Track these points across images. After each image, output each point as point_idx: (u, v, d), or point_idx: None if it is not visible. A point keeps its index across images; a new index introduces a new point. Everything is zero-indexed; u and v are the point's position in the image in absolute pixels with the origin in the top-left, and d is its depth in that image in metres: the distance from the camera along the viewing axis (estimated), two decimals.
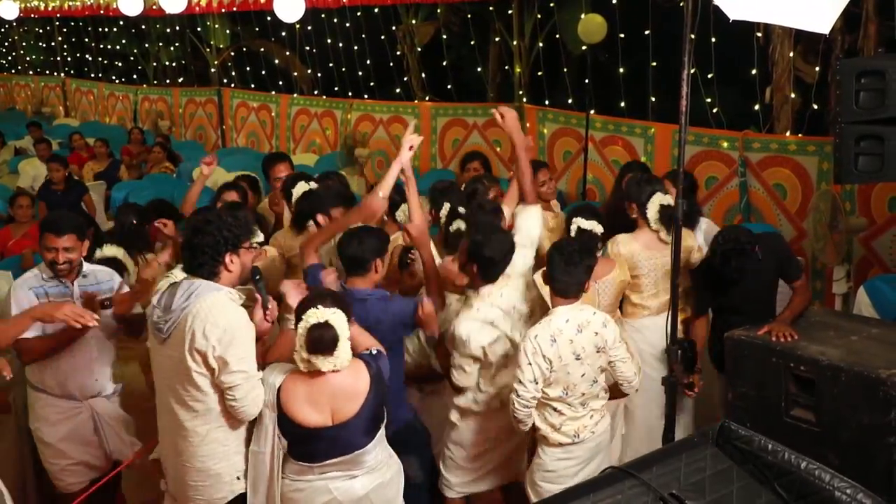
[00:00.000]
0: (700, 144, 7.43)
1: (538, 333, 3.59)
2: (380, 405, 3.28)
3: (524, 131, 9.39)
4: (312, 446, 3.25)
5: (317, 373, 3.17)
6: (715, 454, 2.37)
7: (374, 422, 3.28)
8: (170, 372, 3.29)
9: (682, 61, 3.44)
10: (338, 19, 11.73)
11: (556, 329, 3.58)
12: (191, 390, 3.23)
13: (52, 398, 3.94)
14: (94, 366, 3.98)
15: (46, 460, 4.01)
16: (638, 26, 8.53)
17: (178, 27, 15.32)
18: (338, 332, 3.12)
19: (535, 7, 9.82)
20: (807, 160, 6.78)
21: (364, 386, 3.22)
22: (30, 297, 3.84)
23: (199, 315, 3.16)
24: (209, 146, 14.06)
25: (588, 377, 3.64)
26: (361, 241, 3.75)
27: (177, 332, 3.21)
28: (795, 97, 7.61)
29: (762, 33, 7.46)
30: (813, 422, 3.45)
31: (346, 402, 3.20)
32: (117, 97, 16.82)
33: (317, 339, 3.11)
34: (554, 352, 3.56)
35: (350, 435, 3.22)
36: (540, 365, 3.55)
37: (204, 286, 3.22)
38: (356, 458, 3.25)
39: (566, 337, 3.58)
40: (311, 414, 3.20)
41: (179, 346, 3.19)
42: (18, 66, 21.46)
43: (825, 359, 3.40)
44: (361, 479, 3.28)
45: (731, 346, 3.83)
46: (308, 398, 3.20)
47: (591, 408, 3.71)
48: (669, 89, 4.98)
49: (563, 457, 3.71)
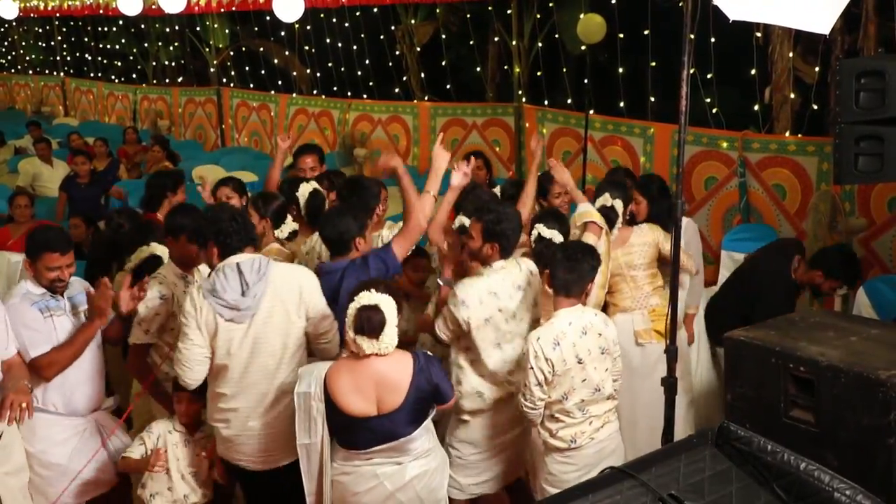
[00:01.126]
0: (699, 144, 7.43)
1: (540, 336, 3.57)
2: (425, 399, 3.33)
3: (523, 131, 9.46)
4: (358, 434, 3.31)
5: (362, 359, 3.24)
6: (714, 455, 2.37)
7: (420, 413, 3.34)
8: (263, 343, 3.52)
9: (682, 61, 3.43)
10: (337, 19, 11.72)
11: (559, 332, 3.57)
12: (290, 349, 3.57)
13: (57, 417, 3.82)
14: (96, 377, 3.94)
15: (50, 484, 3.82)
16: (637, 26, 8.53)
17: (177, 27, 15.32)
18: (386, 316, 3.20)
19: (534, 7, 9.82)
20: (806, 160, 6.78)
21: (407, 377, 3.28)
22: (34, 313, 3.74)
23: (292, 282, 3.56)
24: (208, 146, 14.07)
25: (590, 383, 3.61)
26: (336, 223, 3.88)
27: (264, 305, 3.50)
28: (795, 97, 7.61)
29: (762, 33, 7.46)
30: (812, 423, 3.44)
31: (390, 392, 3.26)
32: (117, 97, 16.81)
33: (364, 320, 3.19)
34: (557, 355, 3.54)
35: (394, 425, 3.29)
36: (542, 369, 3.54)
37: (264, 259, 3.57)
38: (402, 446, 3.33)
39: (569, 340, 3.57)
40: (356, 402, 3.26)
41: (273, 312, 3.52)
42: (18, 66, 21.46)
43: (825, 360, 3.40)
44: (408, 466, 3.37)
45: (729, 347, 3.82)
46: (353, 386, 3.26)
47: (590, 414, 3.67)
48: (669, 89, 4.97)
49: (561, 461, 3.70)
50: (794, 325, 3.82)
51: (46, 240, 3.80)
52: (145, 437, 3.74)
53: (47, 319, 3.76)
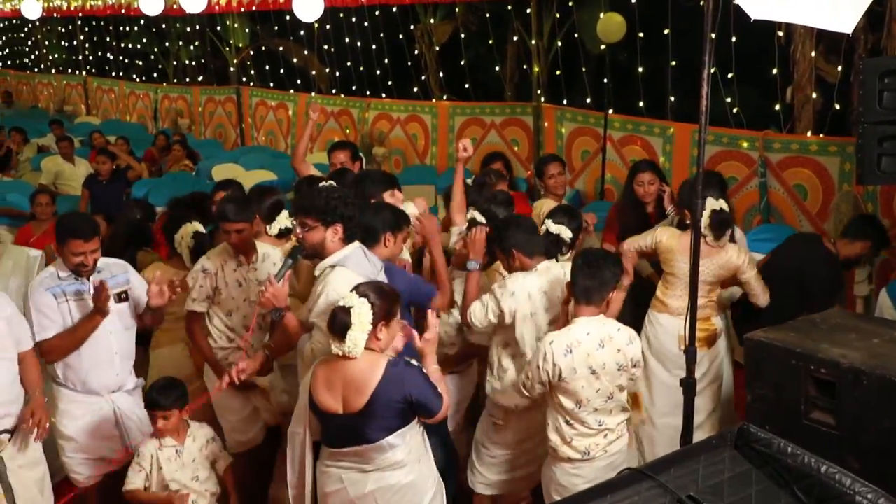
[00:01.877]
0: (720, 144, 7.39)
1: (554, 340, 3.48)
2: (398, 408, 3.19)
3: (542, 131, 9.44)
4: (327, 431, 3.30)
5: (337, 357, 3.19)
6: (733, 457, 2.34)
7: (392, 421, 3.20)
8: None
9: (703, 61, 3.41)
10: (356, 18, 11.76)
11: (574, 339, 3.46)
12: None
13: (75, 393, 3.97)
14: (116, 360, 4.00)
15: (65, 453, 4.04)
16: (657, 26, 8.49)
17: (197, 26, 15.42)
18: (353, 320, 3.10)
19: (553, 6, 9.80)
20: (828, 160, 6.72)
21: (373, 382, 3.15)
22: (47, 299, 3.84)
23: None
24: (228, 144, 14.15)
25: (603, 393, 3.50)
26: (377, 212, 3.89)
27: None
28: (817, 97, 7.55)
29: (783, 33, 7.41)
30: (833, 425, 3.41)
31: (354, 393, 3.16)
32: (138, 95, 16.95)
33: (331, 319, 3.17)
34: (567, 363, 3.43)
35: (359, 427, 3.18)
36: (548, 371, 3.46)
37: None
38: (367, 452, 3.21)
39: (584, 350, 3.45)
40: (325, 397, 3.21)
41: None
42: (41, 65, 21.69)
43: (846, 361, 3.36)
44: (370, 476, 3.23)
45: (749, 348, 3.79)
46: (326, 381, 3.22)
47: (605, 426, 3.56)
48: (689, 89, 4.95)
49: (573, 472, 3.57)
50: (815, 327, 3.79)
51: (72, 226, 3.89)
52: (142, 463, 3.75)
53: (61, 305, 3.86)
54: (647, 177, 5.27)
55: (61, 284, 3.89)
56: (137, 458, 3.76)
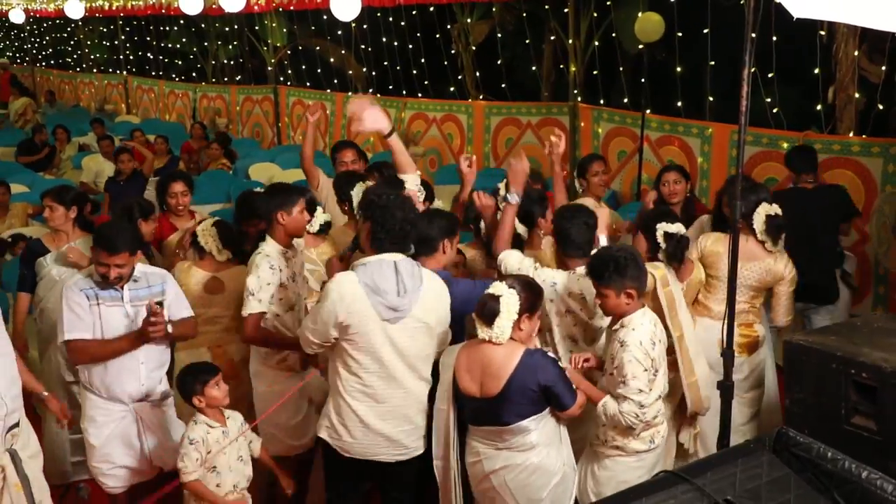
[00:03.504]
0: (759, 145, 7.30)
1: (642, 339, 3.46)
2: (532, 395, 3.35)
3: (578, 131, 9.40)
4: (469, 410, 3.52)
5: (478, 342, 3.41)
6: (772, 461, 2.32)
7: (525, 407, 3.36)
8: (406, 348, 3.56)
9: (743, 60, 3.37)
10: (393, 18, 11.79)
11: (651, 332, 3.51)
12: (428, 347, 3.63)
13: (99, 399, 3.97)
14: (141, 370, 3.96)
15: (91, 462, 4.04)
16: (696, 25, 8.41)
17: (236, 26, 15.57)
18: (501, 308, 3.31)
19: (591, 5, 9.75)
20: (871, 162, 6.61)
21: (509, 369, 3.33)
22: (80, 299, 3.86)
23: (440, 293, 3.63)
24: (265, 143, 14.27)
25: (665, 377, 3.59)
26: (431, 220, 3.89)
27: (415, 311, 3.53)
28: (860, 97, 7.42)
29: (825, 32, 7.29)
30: (874, 430, 3.35)
31: (491, 378, 3.36)
32: (177, 95, 17.17)
33: (481, 305, 3.37)
34: (657, 354, 3.50)
35: (495, 410, 3.37)
36: (651, 369, 3.47)
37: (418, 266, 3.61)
38: (499, 433, 3.41)
39: (658, 337, 3.54)
40: (465, 380, 3.45)
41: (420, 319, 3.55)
42: (83, 64, 22.06)
43: (888, 366, 3.31)
44: (501, 454, 3.43)
45: (789, 351, 3.75)
46: (467, 365, 3.45)
47: (661, 412, 3.61)
48: (728, 89, 4.89)
49: (636, 465, 3.57)
50: (856, 331, 3.73)
51: (103, 236, 3.90)
52: (197, 448, 3.65)
53: (92, 307, 3.86)
54: (673, 176, 5.29)
55: (95, 288, 3.89)
56: (192, 445, 3.65)
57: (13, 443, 3.44)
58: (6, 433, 3.40)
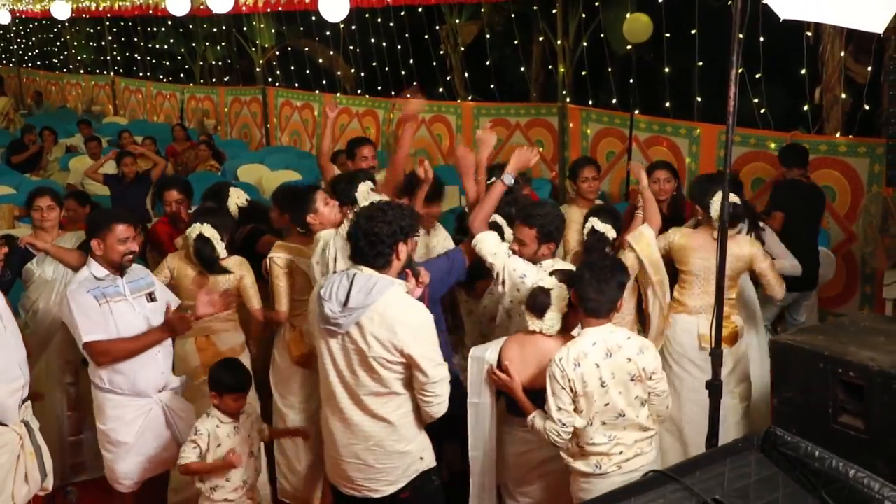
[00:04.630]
0: (747, 145, 7.33)
1: (562, 356, 3.32)
2: None
3: (567, 132, 9.41)
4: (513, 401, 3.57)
5: (530, 334, 3.53)
6: (760, 460, 2.33)
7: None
8: (350, 363, 3.26)
9: (731, 61, 3.38)
10: (381, 19, 11.79)
11: (580, 352, 3.31)
12: (377, 382, 3.24)
13: (125, 398, 3.92)
14: (159, 358, 3.99)
15: (117, 461, 3.97)
16: (684, 25, 8.44)
17: (224, 27, 15.53)
18: (553, 301, 3.43)
19: (579, 6, 9.77)
20: (857, 162, 6.65)
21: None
22: (90, 301, 3.81)
23: (388, 313, 3.17)
24: (254, 145, 14.23)
25: (613, 408, 3.32)
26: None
27: (358, 328, 3.19)
28: (846, 97, 7.46)
29: (812, 32, 7.33)
30: (862, 429, 3.37)
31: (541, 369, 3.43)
32: (165, 96, 17.10)
33: (531, 299, 3.51)
34: (577, 375, 3.29)
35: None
36: (570, 389, 3.31)
37: (381, 281, 3.22)
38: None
39: (591, 361, 3.30)
40: (517, 370, 3.51)
41: (364, 340, 3.20)
42: (70, 65, 21.94)
43: (875, 365, 3.32)
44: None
45: (776, 350, 3.76)
46: (520, 357, 3.53)
47: (618, 441, 3.36)
48: (715, 89, 4.92)
49: (585, 487, 3.42)
50: (843, 330, 3.75)
51: (112, 214, 3.96)
52: (197, 440, 3.73)
53: (102, 306, 3.83)
54: (664, 174, 5.29)
55: (100, 286, 3.86)
56: (194, 436, 3.73)
57: (26, 414, 3.55)
58: (22, 404, 3.52)
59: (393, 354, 3.18)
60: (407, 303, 3.27)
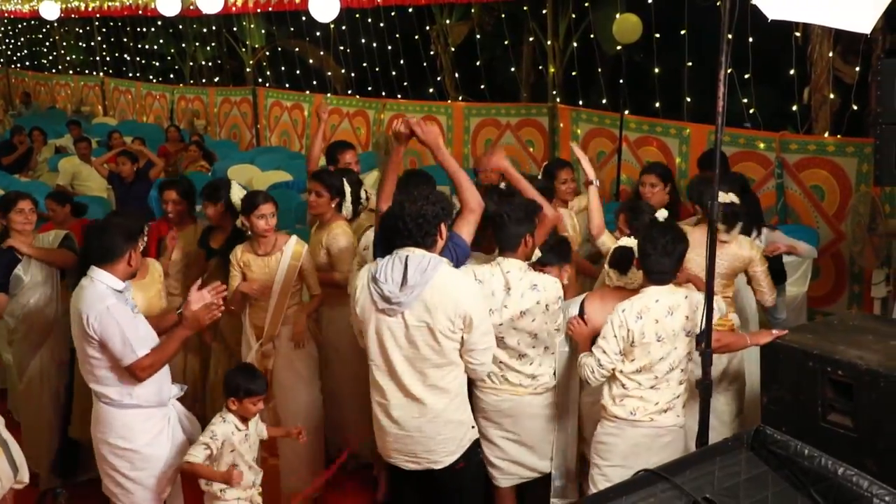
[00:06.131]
0: (736, 145, 7.35)
1: (626, 308, 3.67)
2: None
3: (557, 132, 9.43)
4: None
5: (613, 289, 3.89)
6: (749, 458, 2.34)
7: None
8: (410, 339, 3.49)
9: (719, 61, 3.40)
10: (372, 19, 11.78)
11: (643, 306, 3.65)
12: (437, 354, 3.50)
13: (150, 410, 3.77)
14: (170, 366, 3.90)
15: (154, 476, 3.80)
16: (673, 26, 8.47)
17: (214, 27, 15.50)
18: (635, 258, 3.74)
19: (569, 7, 9.79)
20: (846, 161, 6.68)
21: None
22: (128, 313, 3.64)
23: (448, 285, 3.46)
24: (244, 145, 14.21)
25: (667, 362, 3.68)
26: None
27: (421, 303, 3.43)
28: (834, 98, 7.50)
29: (801, 33, 7.37)
30: (850, 427, 3.39)
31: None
32: (154, 96, 17.04)
33: (614, 256, 3.87)
34: (638, 327, 3.63)
35: None
36: (623, 338, 3.64)
37: (433, 259, 3.47)
38: None
39: (652, 316, 3.64)
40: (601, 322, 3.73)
41: (428, 313, 3.44)
42: (59, 66, 21.85)
43: (863, 363, 3.34)
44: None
45: (765, 349, 3.78)
46: (602, 310, 3.82)
47: (661, 395, 3.69)
48: (705, 89, 4.94)
49: (614, 432, 3.72)
50: (832, 329, 3.77)
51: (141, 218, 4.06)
52: (209, 442, 3.66)
53: (136, 316, 3.71)
54: (651, 179, 5.28)
55: (121, 299, 3.67)
56: (208, 437, 3.65)
57: None
58: None
59: (455, 322, 3.45)
60: (460, 275, 3.60)
